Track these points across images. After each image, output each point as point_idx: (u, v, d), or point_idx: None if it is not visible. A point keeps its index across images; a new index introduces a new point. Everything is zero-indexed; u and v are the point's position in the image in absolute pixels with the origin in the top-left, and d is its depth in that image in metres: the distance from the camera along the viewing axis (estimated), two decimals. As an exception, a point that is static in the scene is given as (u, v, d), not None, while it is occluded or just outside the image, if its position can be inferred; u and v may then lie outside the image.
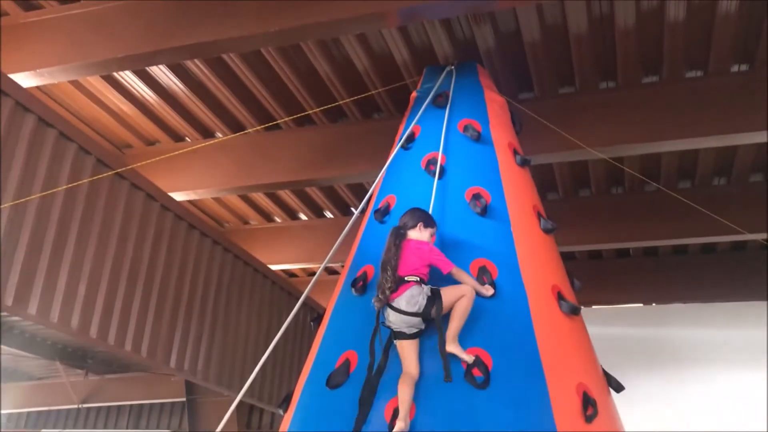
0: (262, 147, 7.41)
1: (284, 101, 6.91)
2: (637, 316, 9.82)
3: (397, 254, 3.80)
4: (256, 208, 9.18)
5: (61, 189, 5.43)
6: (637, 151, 6.60)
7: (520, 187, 4.79)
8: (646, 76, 6.26)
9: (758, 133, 5.94)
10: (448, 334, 3.60)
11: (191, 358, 7.21)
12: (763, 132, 5.91)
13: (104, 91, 6.97)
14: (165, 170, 7.40)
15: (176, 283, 7.07)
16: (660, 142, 6.27)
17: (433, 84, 5.39)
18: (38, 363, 11.88)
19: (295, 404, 4.14)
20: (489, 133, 5.00)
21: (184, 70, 6.61)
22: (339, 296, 4.50)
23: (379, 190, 4.97)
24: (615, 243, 8.73)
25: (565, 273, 4.67)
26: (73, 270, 5.70)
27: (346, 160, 7.03)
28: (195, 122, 7.41)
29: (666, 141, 6.26)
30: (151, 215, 6.77)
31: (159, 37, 5.35)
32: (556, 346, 3.95)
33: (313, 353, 4.37)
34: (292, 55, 6.30)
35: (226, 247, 8.02)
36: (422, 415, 3.51)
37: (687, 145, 6.39)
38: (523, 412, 3.57)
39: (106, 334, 6.04)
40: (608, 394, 4.30)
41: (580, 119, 6.37)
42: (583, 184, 8.21)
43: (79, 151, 5.86)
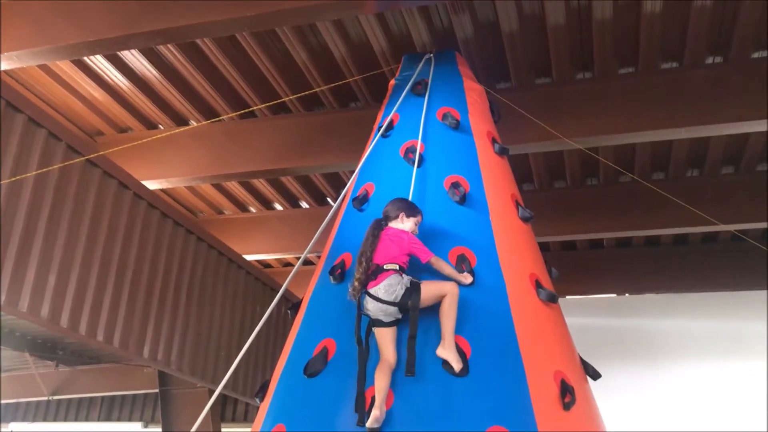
0: (237, 135, 7.32)
1: (260, 89, 6.83)
2: (610, 307, 9.92)
3: (373, 244, 3.79)
4: (230, 197, 9.08)
5: (30, 175, 5.31)
6: (613, 142, 6.64)
7: (498, 176, 4.78)
8: (623, 68, 6.28)
9: (731, 124, 6.01)
10: (443, 337, 3.57)
11: (165, 349, 7.12)
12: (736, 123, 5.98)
13: (75, 77, 6.82)
14: (138, 158, 7.27)
15: (149, 272, 6.97)
16: (635, 132, 6.31)
17: (412, 72, 5.36)
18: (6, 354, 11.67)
19: (272, 393, 4.10)
20: (468, 121, 4.98)
21: (158, 56, 6.50)
22: (316, 285, 4.46)
23: (357, 178, 4.94)
24: (589, 234, 8.80)
25: (542, 261, 4.69)
26: (43, 259, 5.59)
27: (322, 149, 6.96)
28: (168, 109, 7.29)
29: (641, 132, 6.30)
30: (123, 204, 6.66)
31: (130, 21, 5.21)
32: (534, 334, 3.96)
33: (290, 342, 4.33)
34: (268, 42, 6.22)
35: (200, 237, 7.93)
36: (400, 403, 3.49)
37: (662, 136, 6.44)
38: (502, 400, 3.56)
39: (78, 324, 5.93)
40: (586, 381, 4.32)
41: (556, 110, 6.38)
42: (558, 176, 8.25)
43: (49, 137, 5.74)
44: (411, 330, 3.57)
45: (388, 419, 3.43)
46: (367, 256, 3.74)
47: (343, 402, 3.58)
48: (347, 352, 3.78)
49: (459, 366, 3.54)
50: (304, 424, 3.67)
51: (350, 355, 3.73)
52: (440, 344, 3.57)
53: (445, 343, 3.56)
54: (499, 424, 3.43)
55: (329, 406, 3.64)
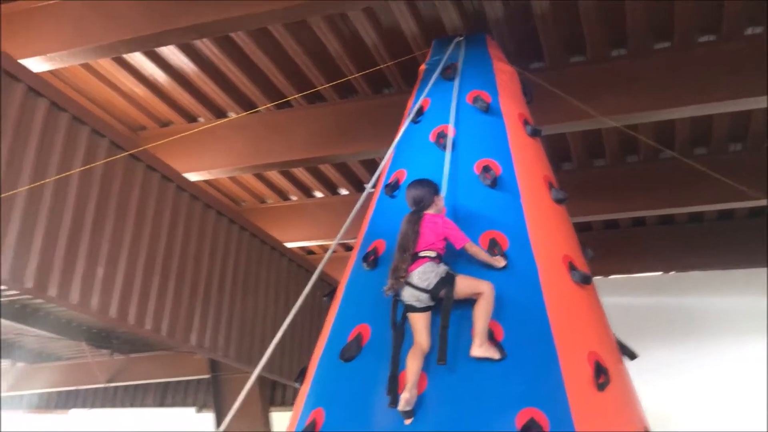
0: (274, 125, 7.44)
1: (294, 79, 6.91)
2: (655, 285, 9.77)
3: (416, 238, 3.79)
4: (271, 186, 9.22)
5: (76, 172, 5.50)
6: (651, 119, 6.53)
7: (530, 158, 4.77)
8: (658, 43, 6.16)
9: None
10: (475, 338, 3.58)
11: (211, 336, 7.33)
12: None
13: (116, 74, 7.01)
14: (180, 151, 7.46)
15: (194, 261, 7.16)
16: (673, 108, 6.21)
17: (442, 56, 5.36)
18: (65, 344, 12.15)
19: (311, 378, 4.21)
20: (498, 104, 4.97)
21: (194, 51, 6.63)
22: (351, 271, 4.54)
23: (389, 164, 4.99)
24: (631, 212, 8.68)
25: (577, 242, 4.66)
26: (91, 252, 5.80)
27: (358, 136, 7.03)
28: (207, 102, 7.44)
29: (679, 108, 6.19)
30: (167, 196, 6.84)
31: (165, 18, 5.36)
32: (566, 316, 3.96)
33: (327, 328, 4.43)
34: (300, 33, 6.29)
35: (242, 226, 8.10)
36: (432, 387, 3.55)
37: (701, 111, 6.30)
38: (534, 382, 3.58)
39: (126, 314, 6.15)
40: (622, 362, 4.31)
41: (592, 88, 6.31)
42: (597, 154, 8.15)
43: (93, 134, 5.93)
44: (443, 320, 3.61)
45: (422, 402, 3.50)
46: (410, 252, 3.75)
47: (378, 386, 3.64)
48: (381, 338, 3.86)
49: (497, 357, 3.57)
50: (341, 407, 3.77)
51: (384, 340, 3.80)
52: (473, 345, 3.58)
53: (478, 342, 3.58)
54: (532, 405, 3.46)
55: (365, 389, 3.72)
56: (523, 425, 3.37)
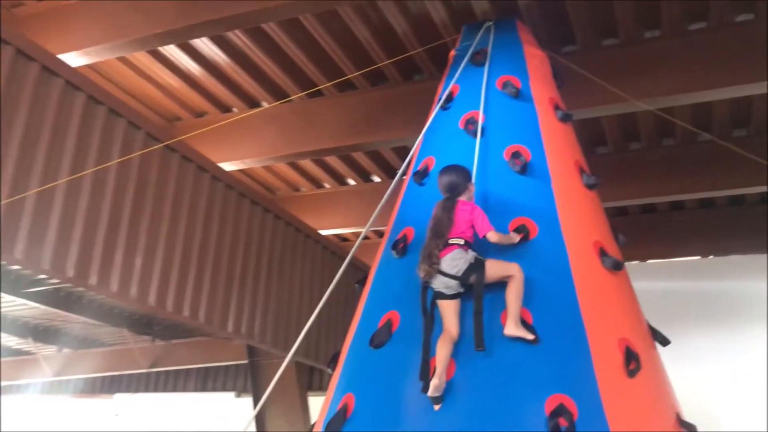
0: (307, 114, 7.50)
1: (325, 68, 6.95)
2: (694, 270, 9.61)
3: (450, 225, 3.81)
4: (305, 174, 9.30)
5: (114, 164, 5.63)
6: (686, 101, 6.41)
7: (561, 143, 4.73)
8: (693, 23, 6.03)
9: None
10: (509, 318, 3.61)
11: (247, 322, 7.46)
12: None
13: (152, 66, 7.13)
14: (214, 141, 7.59)
15: (230, 250, 7.28)
16: (709, 90, 6.08)
17: (471, 42, 5.33)
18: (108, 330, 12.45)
19: (342, 363, 4.27)
20: (528, 88, 4.93)
21: (226, 42, 6.71)
22: (381, 259, 4.58)
23: (418, 151, 5.00)
24: (669, 196, 8.54)
25: (609, 228, 4.62)
26: (130, 241, 5.94)
27: (389, 124, 7.05)
28: (240, 92, 7.53)
29: (716, 89, 6.06)
30: (202, 186, 6.96)
31: (197, 11, 5.44)
32: (597, 302, 3.95)
33: (357, 314, 4.49)
34: (330, 22, 6.31)
35: (277, 214, 8.20)
36: (461, 373, 3.58)
37: (737, 93, 6.16)
38: (563, 368, 3.59)
39: (164, 302, 6.29)
40: (654, 348, 4.28)
41: (625, 71, 6.21)
42: (633, 137, 8.03)
43: (129, 126, 6.05)
44: (476, 306, 3.63)
45: (451, 388, 3.53)
46: (444, 238, 3.77)
47: (407, 372, 3.69)
48: (410, 324, 3.90)
49: (531, 337, 3.58)
50: (371, 392, 3.82)
51: (413, 327, 3.85)
52: (506, 325, 3.61)
53: (511, 322, 3.60)
54: (561, 392, 3.47)
55: (394, 375, 3.77)
56: (551, 411, 3.39)
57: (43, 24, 5.98)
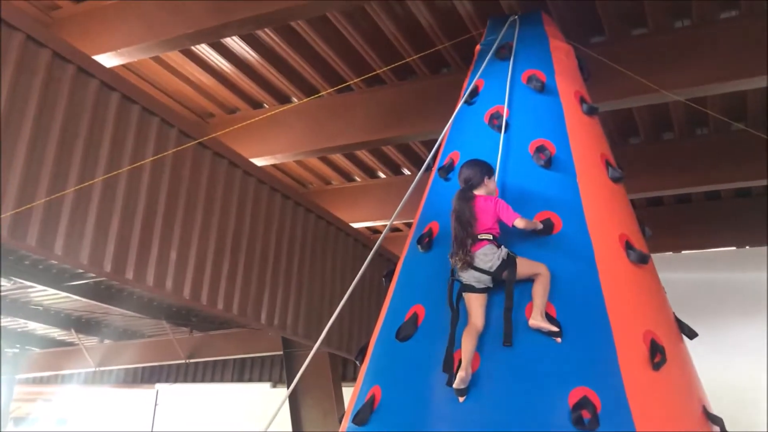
0: (336, 109, 7.58)
1: (353, 63, 7.02)
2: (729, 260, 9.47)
3: (472, 217, 3.87)
4: (336, 168, 9.40)
5: (148, 161, 5.79)
6: (718, 91, 6.32)
7: (586, 137, 4.73)
8: (724, 12, 5.95)
9: None
10: (534, 310, 3.66)
11: (280, 314, 7.59)
12: None
13: (184, 65, 7.28)
14: (247, 137, 7.73)
15: (262, 243, 7.41)
16: (742, 80, 5.99)
17: (497, 36, 5.33)
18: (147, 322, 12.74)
19: (369, 356, 4.35)
20: (554, 82, 4.92)
21: (256, 40, 6.81)
22: (407, 253, 4.64)
23: (444, 146, 5.04)
24: (703, 186, 8.42)
25: (635, 221, 4.61)
26: (164, 236, 6.10)
27: (418, 117, 7.08)
28: (271, 89, 7.64)
29: (748, 79, 5.96)
30: (234, 181, 7.09)
31: (227, 10, 5.54)
32: (622, 295, 3.96)
33: (385, 307, 4.56)
34: (357, 18, 6.37)
35: (308, 208, 8.31)
36: (486, 366, 3.63)
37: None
38: (587, 361, 3.62)
39: (199, 294, 6.45)
40: (681, 341, 4.27)
41: (655, 61, 6.15)
42: (666, 127, 7.93)
43: (162, 124, 6.20)
44: (507, 303, 3.69)
45: (475, 381, 3.59)
46: (473, 227, 3.84)
47: (433, 365, 3.76)
48: (436, 318, 3.96)
49: (555, 329, 3.63)
50: (397, 385, 3.90)
51: (438, 321, 3.91)
52: (531, 316, 3.66)
53: (536, 314, 3.65)
54: (585, 384, 3.50)
55: (419, 368, 3.84)
56: (575, 403, 3.42)
57: (80, 26, 6.16)
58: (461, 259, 3.81)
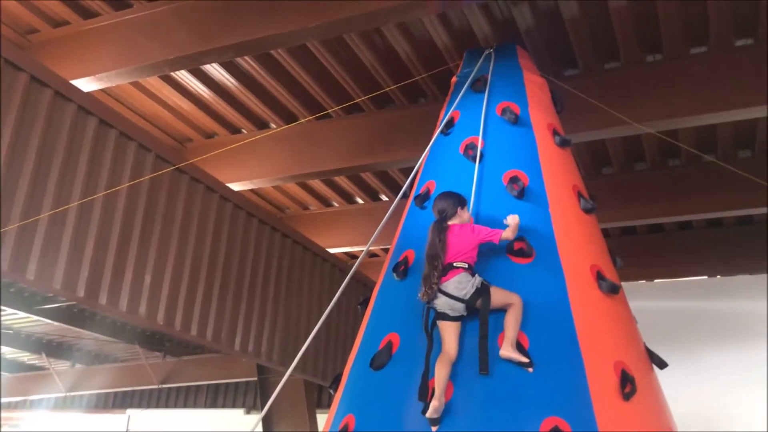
0: (315, 136, 7.63)
1: (332, 91, 7.09)
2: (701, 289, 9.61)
3: (444, 247, 3.93)
4: (314, 194, 9.42)
5: (124, 186, 5.78)
6: (690, 124, 6.47)
7: (559, 168, 4.81)
8: (694, 47, 6.11)
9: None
10: (505, 341, 3.70)
11: (255, 340, 7.56)
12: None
13: (163, 90, 7.29)
14: (224, 162, 7.72)
15: (238, 269, 7.41)
16: (712, 113, 6.15)
17: (472, 68, 5.43)
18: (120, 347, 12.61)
19: (343, 384, 4.35)
20: (528, 114, 5.02)
21: (235, 66, 6.86)
22: (383, 280, 4.66)
23: (420, 175, 5.10)
24: (674, 216, 8.57)
25: (606, 251, 4.69)
26: (139, 261, 6.08)
27: (395, 145, 7.15)
28: (249, 115, 7.68)
29: (719, 112, 6.13)
30: (210, 206, 7.10)
31: (206, 38, 5.59)
32: (593, 325, 4.01)
33: (360, 335, 4.57)
34: (336, 47, 6.46)
35: (284, 233, 8.32)
36: (459, 395, 3.65)
37: (741, 116, 6.22)
38: (559, 391, 3.64)
39: (173, 320, 6.41)
40: (651, 371, 4.32)
41: (628, 94, 6.29)
42: (638, 158, 8.08)
43: (140, 149, 6.21)
44: (482, 331, 3.72)
45: (448, 410, 3.60)
46: (440, 260, 3.88)
47: (407, 393, 3.76)
48: (410, 346, 3.98)
49: (525, 360, 3.66)
50: (371, 414, 3.89)
51: (413, 349, 3.92)
52: (502, 346, 3.69)
53: (507, 345, 3.68)
54: (556, 414, 3.53)
55: (394, 397, 3.84)
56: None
57: (58, 50, 6.16)
58: (424, 293, 3.86)
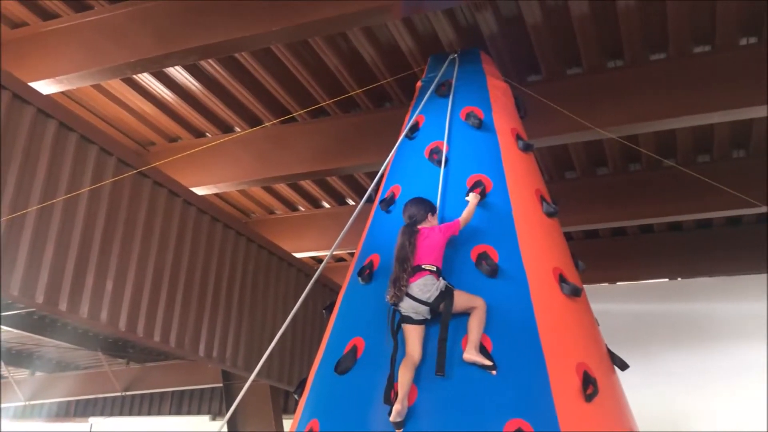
0: (280, 140, 7.59)
1: (297, 94, 7.07)
2: (662, 292, 9.78)
3: (413, 250, 3.95)
4: (280, 198, 9.38)
5: (85, 191, 5.68)
6: (649, 129, 6.59)
7: (522, 172, 4.86)
8: (654, 54, 6.23)
9: (767, 106, 5.90)
10: (468, 344, 3.72)
11: (220, 346, 7.48)
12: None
13: (126, 93, 7.20)
14: (188, 166, 7.64)
15: (202, 274, 7.32)
16: (671, 119, 6.26)
17: (437, 73, 5.47)
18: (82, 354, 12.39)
19: (308, 389, 4.33)
20: (491, 119, 5.06)
21: (199, 69, 6.80)
22: (348, 285, 4.66)
23: (385, 180, 5.11)
24: (638, 219, 8.70)
25: (569, 254, 4.74)
26: (100, 267, 5.97)
27: (362, 149, 7.15)
28: (214, 118, 7.61)
29: (678, 117, 6.24)
30: (174, 210, 7.01)
31: (169, 40, 5.53)
32: (556, 328, 4.05)
33: (324, 340, 4.55)
34: (301, 51, 6.44)
35: (249, 238, 8.25)
36: (423, 398, 3.66)
37: (699, 121, 6.34)
38: (522, 393, 3.68)
39: (135, 326, 6.31)
40: (613, 372, 4.38)
41: (590, 99, 6.39)
42: (600, 162, 8.20)
43: (101, 153, 6.11)
44: (441, 333, 3.74)
45: (412, 413, 3.61)
46: (409, 263, 3.90)
47: (371, 398, 3.77)
48: (375, 351, 3.98)
49: (488, 363, 3.68)
50: (335, 419, 3.89)
51: (377, 353, 3.93)
52: (465, 350, 3.72)
53: (471, 348, 3.71)
54: (519, 417, 3.56)
55: (358, 402, 3.84)
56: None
57: (16, 52, 6.03)
58: (392, 294, 3.87)
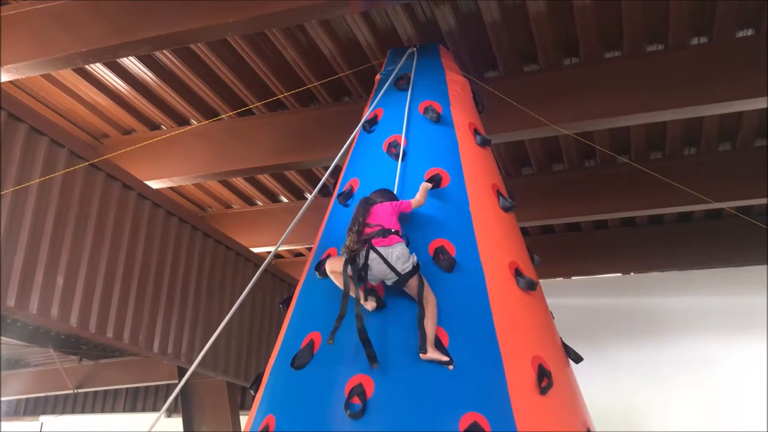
0: (238, 133, 7.49)
1: (255, 87, 6.99)
2: (616, 286, 9.97)
3: (365, 214, 4.01)
4: (237, 192, 9.27)
5: (34, 183, 5.53)
6: (604, 126, 6.69)
7: (479, 167, 4.89)
8: (609, 52, 6.32)
9: (720, 104, 6.03)
10: (428, 342, 3.73)
11: (174, 342, 7.37)
12: (725, 103, 6.01)
13: (78, 84, 7.02)
14: (143, 159, 7.50)
15: (157, 269, 7.20)
16: (625, 116, 6.36)
17: (396, 66, 5.47)
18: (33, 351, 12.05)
19: (264, 385, 4.29)
20: (450, 114, 5.08)
21: (154, 61, 6.67)
22: (305, 279, 4.63)
23: (343, 173, 5.08)
24: (592, 215, 8.84)
25: (524, 249, 4.79)
26: (51, 261, 5.83)
27: (320, 143, 7.10)
28: (169, 110, 7.48)
29: (631, 115, 6.34)
30: (127, 204, 6.88)
31: (123, 30, 5.39)
32: (512, 321, 4.08)
33: (281, 335, 4.52)
34: (258, 43, 6.37)
35: (206, 233, 8.14)
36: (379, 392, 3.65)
37: (652, 119, 6.45)
38: (477, 387, 3.70)
39: (87, 322, 6.18)
40: (567, 365, 4.44)
41: (546, 96, 6.44)
42: (556, 159, 8.30)
43: (52, 144, 5.95)
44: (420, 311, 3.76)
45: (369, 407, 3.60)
46: (359, 222, 3.97)
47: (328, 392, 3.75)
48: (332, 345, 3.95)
49: (445, 359, 3.70)
50: (291, 414, 3.86)
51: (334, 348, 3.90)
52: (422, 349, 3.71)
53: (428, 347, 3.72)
54: (475, 410, 3.58)
55: (314, 396, 3.82)
56: (465, 429, 3.49)
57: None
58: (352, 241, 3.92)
